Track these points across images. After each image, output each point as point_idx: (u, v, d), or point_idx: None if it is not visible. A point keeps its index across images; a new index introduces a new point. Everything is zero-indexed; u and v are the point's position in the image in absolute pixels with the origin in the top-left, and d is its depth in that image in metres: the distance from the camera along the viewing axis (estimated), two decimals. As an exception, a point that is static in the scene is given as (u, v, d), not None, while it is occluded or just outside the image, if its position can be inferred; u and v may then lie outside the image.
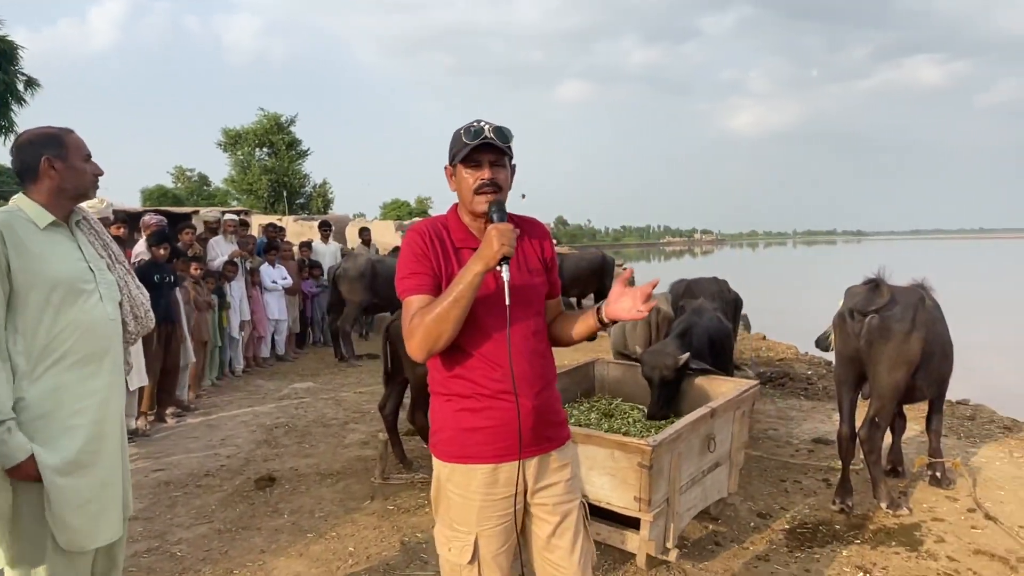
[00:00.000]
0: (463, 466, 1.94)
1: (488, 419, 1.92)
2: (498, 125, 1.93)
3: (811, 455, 5.27)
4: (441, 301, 1.81)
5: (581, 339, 2.14)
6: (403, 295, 1.92)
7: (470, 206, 1.96)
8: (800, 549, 3.73)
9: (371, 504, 4.37)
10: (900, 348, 4.06)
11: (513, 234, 1.81)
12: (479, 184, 1.91)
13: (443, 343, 1.84)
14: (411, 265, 1.93)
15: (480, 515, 1.93)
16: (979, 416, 6.52)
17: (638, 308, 1.94)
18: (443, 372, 1.97)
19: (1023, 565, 3.51)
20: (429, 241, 1.95)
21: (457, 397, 1.94)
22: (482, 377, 1.91)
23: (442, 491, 2.00)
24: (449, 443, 1.96)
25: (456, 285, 1.81)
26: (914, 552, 3.67)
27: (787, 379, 7.98)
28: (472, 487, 1.93)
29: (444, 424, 1.98)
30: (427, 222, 2.03)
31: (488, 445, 1.92)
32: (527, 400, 1.92)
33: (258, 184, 36.60)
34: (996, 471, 4.92)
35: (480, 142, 1.88)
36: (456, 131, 1.96)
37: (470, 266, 1.81)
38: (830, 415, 6.25)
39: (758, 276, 35.42)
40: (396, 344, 4.80)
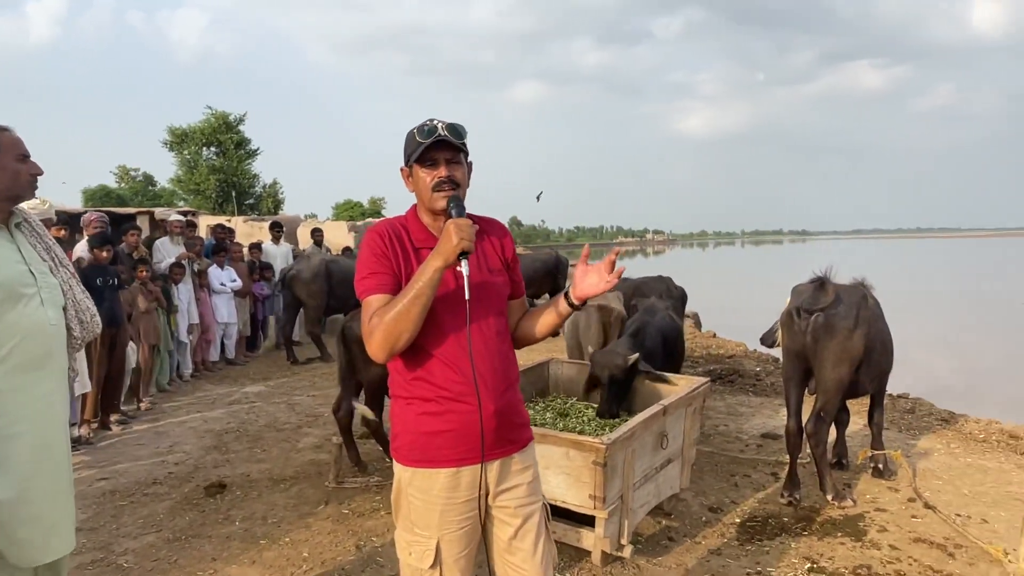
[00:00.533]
0: (425, 470, 1.91)
1: (450, 422, 1.88)
2: (451, 122, 1.91)
3: (760, 450, 5.40)
4: (400, 299, 1.79)
5: (549, 331, 2.13)
6: (363, 295, 1.88)
7: (429, 204, 1.94)
8: (751, 542, 3.82)
9: (325, 509, 4.31)
10: (844, 345, 4.20)
11: (471, 229, 1.79)
12: (437, 182, 1.90)
13: (404, 342, 1.81)
14: (370, 265, 1.89)
15: (442, 519, 1.91)
16: (918, 409, 6.77)
17: (606, 280, 1.95)
18: (404, 375, 1.94)
19: (960, 551, 3.67)
20: (388, 241, 1.92)
21: (418, 400, 1.91)
22: (444, 379, 1.88)
23: (403, 495, 1.97)
24: (410, 447, 1.93)
25: (415, 282, 1.78)
26: (858, 542, 3.79)
27: (736, 376, 8.15)
28: (434, 491, 1.91)
29: (405, 428, 1.94)
30: (386, 222, 2.00)
31: (450, 449, 1.89)
32: (490, 402, 1.89)
33: (206, 184, 35.78)
34: (934, 462, 5.12)
35: (434, 140, 1.87)
36: (409, 131, 1.94)
37: (429, 262, 1.79)
38: (778, 410, 6.41)
39: (708, 275, 36.11)
40: (352, 345, 4.75)
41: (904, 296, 19.74)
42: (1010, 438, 5.76)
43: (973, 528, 3.95)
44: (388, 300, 1.84)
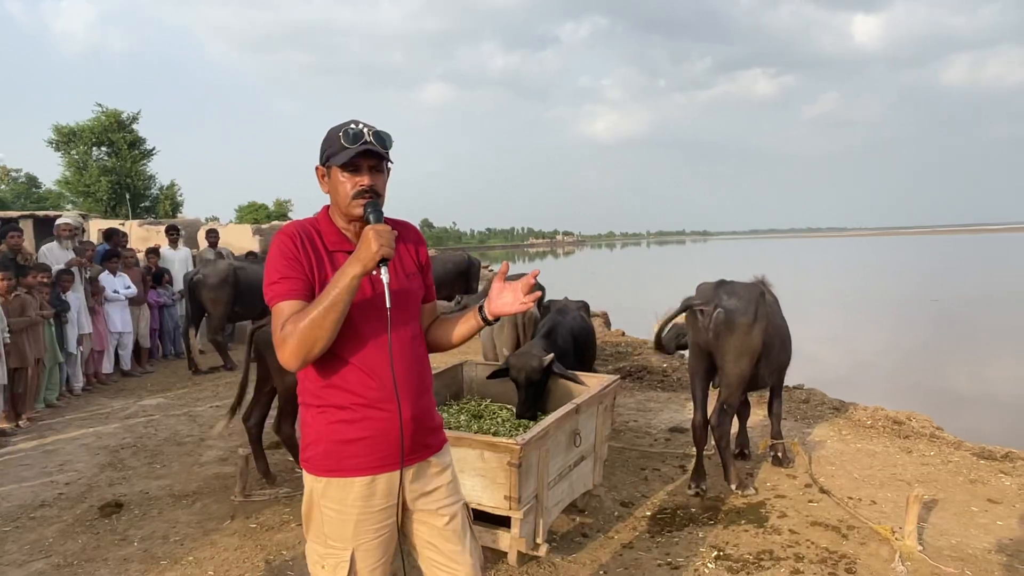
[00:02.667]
0: (338, 480, 1.86)
1: (365, 429, 1.85)
2: (378, 129, 1.85)
3: (668, 443, 5.57)
4: (316, 306, 1.73)
5: (462, 341, 2.12)
6: (273, 301, 1.80)
7: (346, 210, 1.88)
8: (661, 534, 3.93)
9: (232, 523, 4.15)
10: (744, 340, 4.39)
11: (391, 235, 1.76)
12: (358, 190, 1.84)
13: (318, 351, 1.75)
14: (281, 269, 1.81)
15: (356, 529, 1.87)
16: (812, 399, 7.15)
17: (521, 301, 1.95)
18: (316, 382, 1.87)
19: (852, 532, 3.90)
20: (300, 244, 1.85)
21: (331, 408, 1.86)
22: (359, 386, 1.84)
23: (315, 507, 1.90)
24: (324, 457, 1.87)
25: (332, 289, 1.72)
26: (761, 528, 3.97)
27: (645, 372, 8.38)
28: (348, 501, 1.86)
29: (318, 437, 1.88)
30: (297, 224, 1.92)
31: (365, 456, 1.85)
32: (407, 408, 1.87)
33: (96, 186, 33.74)
34: (828, 448, 5.42)
35: (361, 149, 1.80)
36: (331, 131, 1.86)
37: (346, 269, 1.74)
38: (685, 405, 6.64)
39: (617, 275, 37.00)
40: (263, 352, 4.60)
41: (797, 292, 20.87)
42: (894, 423, 6.17)
43: (864, 510, 4.21)
44: (300, 306, 1.77)
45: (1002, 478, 4.73)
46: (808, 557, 3.60)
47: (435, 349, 2.14)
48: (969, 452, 5.30)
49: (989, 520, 4.06)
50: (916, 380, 10.21)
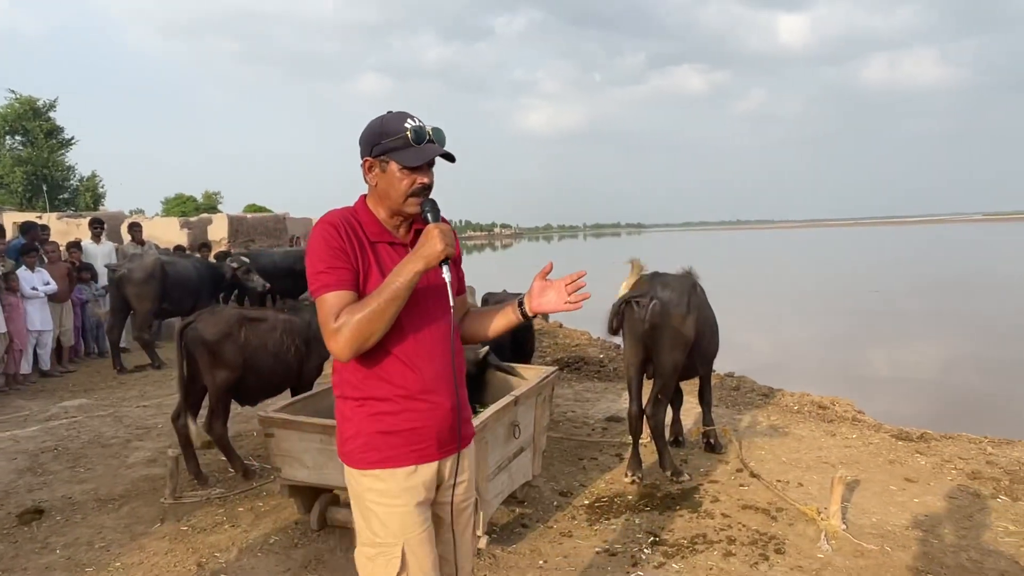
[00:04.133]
0: (382, 471, 1.85)
1: (407, 421, 1.85)
2: (435, 126, 1.85)
3: (605, 433, 5.66)
4: (375, 298, 1.73)
5: (498, 334, 2.12)
6: (320, 291, 1.78)
7: (400, 207, 1.86)
8: (598, 522, 4.00)
9: (162, 527, 4.02)
10: (678, 330, 4.49)
11: (452, 235, 1.79)
12: (418, 187, 1.83)
13: (372, 342, 1.76)
14: (327, 259, 1.79)
15: (403, 521, 1.85)
16: (742, 386, 7.39)
17: (566, 300, 1.95)
18: (358, 373, 1.86)
19: (781, 514, 4.05)
20: (345, 234, 1.82)
21: (372, 400, 1.85)
22: (400, 378, 1.84)
23: (361, 502, 1.89)
24: (365, 449, 1.86)
25: (392, 282, 1.74)
26: (695, 513, 4.08)
27: (582, 363, 8.50)
28: (393, 492, 1.85)
29: (359, 429, 1.86)
30: (338, 214, 1.88)
31: (405, 447, 1.86)
32: (448, 399, 1.89)
33: (10, 177, 32.02)
34: (757, 433, 5.61)
35: (438, 152, 1.82)
36: (385, 122, 1.84)
37: (408, 264, 1.75)
38: (621, 394, 6.76)
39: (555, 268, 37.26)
40: (193, 349, 4.45)
41: (726, 282, 21.48)
42: (819, 408, 6.44)
43: (792, 492, 4.37)
44: (350, 296, 1.77)
45: (918, 458, 4.99)
46: (740, 539, 3.73)
47: (469, 341, 2.15)
48: (888, 434, 5.57)
49: (906, 498, 4.28)
50: (840, 366, 10.66)
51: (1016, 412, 7.64)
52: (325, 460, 3.59)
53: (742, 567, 3.44)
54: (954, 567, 3.42)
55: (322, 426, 3.57)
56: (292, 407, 3.94)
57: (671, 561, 3.51)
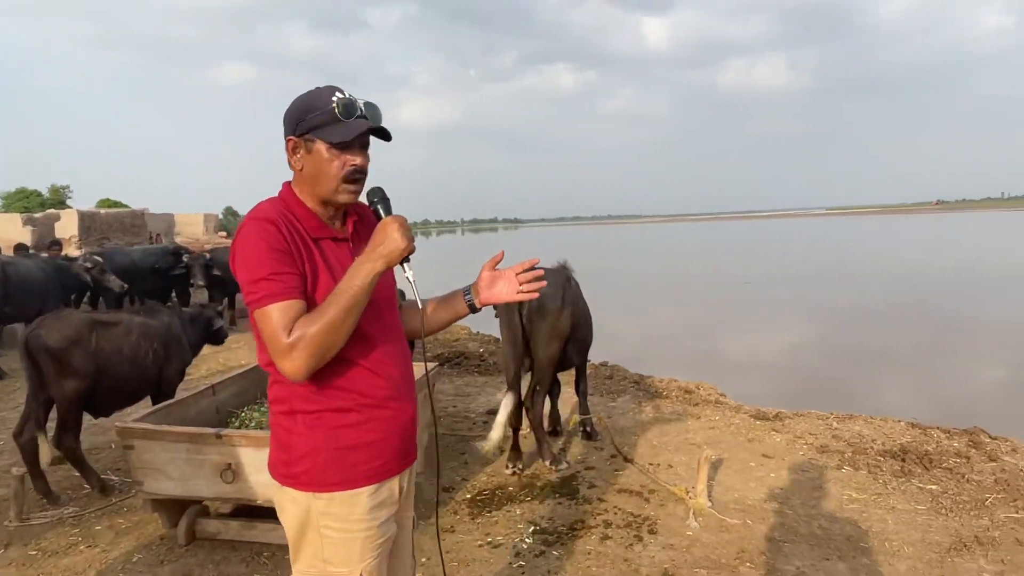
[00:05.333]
0: (344, 493, 1.65)
1: (370, 433, 1.67)
2: (369, 100, 1.65)
3: (487, 426, 5.70)
4: (330, 307, 1.52)
5: (442, 327, 1.98)
6: (264, 301, 1.52)
7: (332, 195, 1.65)
8: (480, 515, 4.03)
9: (6, 552, 3.65)
10: (554, 324, 4.60)
11: (410, 226, 1.60)
12: (351, 171, 1.62)
13: (331, 356, 1.56)
14: (270, 263, 1.54)
15: (363, 547, 1.68)
16: (615, 375, 7.68)
17: (519, 290, 1.83)
18: (312, 384, 1.63)
19: (653, 495, 4.24)
20: (287, 232, 1.59)
21: (331, 412, 1.64)
22: (368, 386, 1.66)
23: (311, 529, 1.67)
24: (326, 468, 1.64)
25: (349, 287, 1.53)
26: (573, 500, 4.20)
27: (463, 358, 8.52)
28: (355, 516, 1.66)
29: (315, 447, 1.64)
30: (273, 208, 1.63)
31: (371, 463, 1.68)
32: (411, 405, 1.76)
33: None
34: (630, 420, 5.85)
35: (367, 126, 1.61)
36: (311, 97, 1.63)
37: (365, 265, 1.55)
38: (501, 387, 6.82)
39: (433, 263, 37.15)
40: (39, 358, 4.07)
41: (598, 274, 22.24)
42: (685, 392, 6.80)
43: (662, 474, 4.59)
44: (300, 307, 1.53)
45: (774, 435, 5.38)
46: (615, 523, 3.87)
47: (414, 336, 1.98)
48: (747, 415, 5.97)
49: (764, 473, 4.61)
50: (703, 353, 11.30)
51: (856, 389, 8.41)
52: (192, 471, 3.40)
53: (618, 549, 3.58)
54: (807, 534, 3.72)
55: (188, 435, 3.38)
56: (154, 416, 3.70)
57: (551, 549, 3.59)
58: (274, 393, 1.70)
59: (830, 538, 3.68)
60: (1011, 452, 4.90)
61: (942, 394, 8.24)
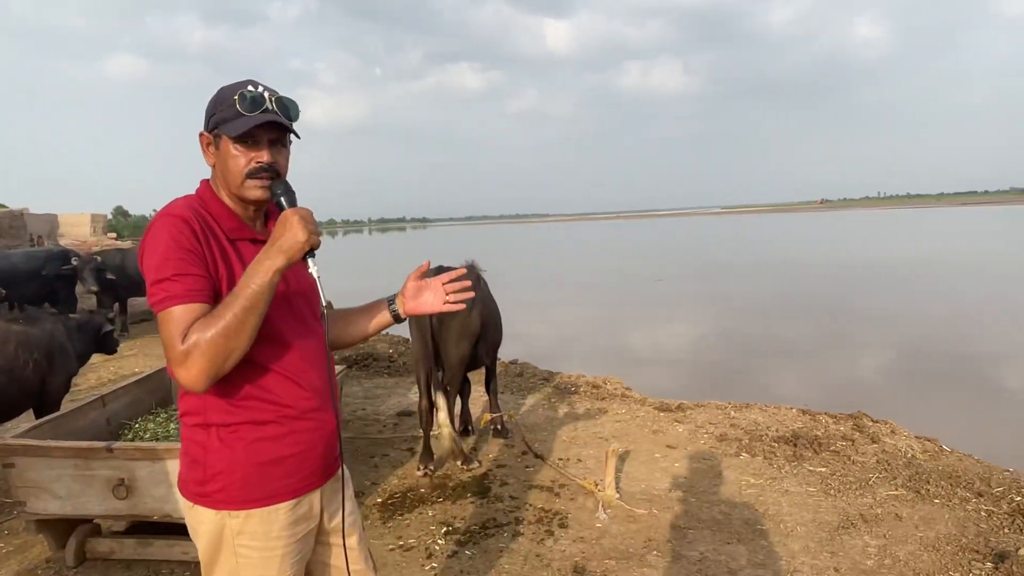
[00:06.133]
0: (262, 510, 1.57)
1: (292, 446, 1.59)
2: (282, 95, 1.57)
3: (397, 428, 5.66)
4: (228, 309, 1.42)
5: (368, 337, 1.91)
6: (164, 304, 1.43)
7: (238, 190, 1.57)
8: (392, 518, 3.99)
9: None
10: (464, 323, 4.60)
11: (315, 220, 1.51)
12: (255, 167, 1.55)
13: (232, 363, 1.45)
14: (176, 263, 1.44)
15: (282, 565, 1.61)
16: (525, 372, 7.76)
17: (445, 300, 1.79)
18: (227, 395, 1.54)
19: (563, 490, 4.32)
20: (200, 231, 1.50)
21: (248, 425, 1.55)
22: (288, 395, 1.57)
23: (225, 550, 1.58)
24: (243, 486, 1.55)
25: (247, 286, 1.43)
26: (485, 499, 4.22)
27: (371, 360, 8.39)
28: (274, 533, 1.59)
29: (232, 463, 1.55)
30: (187, 205, 1.55)
31: (290, 477, 1.60)
32: (333, 415, 1.67)
33: None
34: (540, 416, 5.93)
35: (263, 120, 1.52)
36: (222, 91, 1.56)
37: (265, 261, 1.45)
38: (411, 388, 6.78)
39: (338, 263, 36.40)
40: None
41: (509, 274, 22.41)
42: (593, 387, 6.95)
43: (572, 468, 4.68)
44: (203, 311, 1.43)
45: (676, 426, 5.59)
46: (527, 519, 3.92)
47: (337, 346, 1.90)
48: (652, 407, 6.16)
49: (668, 463, 4.77)
50: (610, 348, 11.59)
51: (752, 379, 8.83)
52: (81, 488, 3.20)
53: (530, 545, 3.62)
54: (709, 520, 3.88)
55: (76, 450, 3.18)
56: (37, 431, 3.45)
57: (464, 549, 3.60)
58: (186, 404, 1.60)
59: (730, 522, 3.85)
60: (891, 434, 5.28)
61: (829, 381, 8.77)
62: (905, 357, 10.02)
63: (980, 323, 12.07)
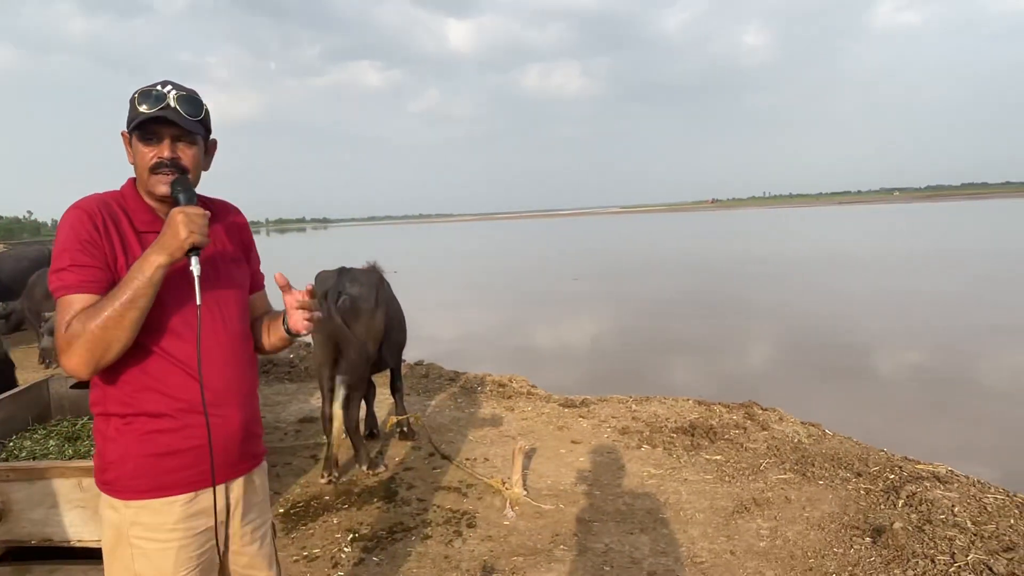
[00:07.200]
0: (155, 501, 1.60)
1: (188, 439, 1.61)
2: (187, 92, 1.61)
3: (299, 435, 5.50)
4: (111, 301, 1.46)
5: (275, 351, 1.88)
6: (60, 292, 1.51)
7: (145, 185, 1.63)
8: (296, 528, 3.87)
9: None
10: (368, 325, 4.52)
11: (204, 219, 1.52)
12: (156, 163, 1.59)
13: (114, 355, 1.49)
14: (74, 254, 1.52)
15: (178, 559, 1.62)
16: (431, 373, 7.71)
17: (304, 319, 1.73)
18: (127, 386, 1.58)
19: (471, 490, 4.32)
20: (101, 223, 1.56)
21: (144, 416, 1.59)
22: (183, 389, 1.59)
23: (123, 541, 1.61)
24: (135, 475, 1.59)
25: (131, 281, 1.47)
26: (392, 503, 4.17)
27: (271, 365, 8.12)
28: (168, 525, 1.61)
29: (126, 452, 1.59)
30: (97, 199, 1.61)
31: (188, 469, 1.62)
32: (236, 411, 1.67)
33: None
34: (446, 417, 5.91)
35: (156, 114, 1.56)
36: (135, 91, 1.61)
37: (149, 257, 1.49)
38: (313, 393, 6.61)
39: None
40: None
41: (413, 274, 22.21)
42: (499, 386, 7.00)
43: (479, 467, 4.69)
44: (94, 301, 1.50)
45: (581, 421, 5.70)
46: (435, 521, 3.90)
47: (264, 351, 1.89)
48: (557, 403, 6.27)
49: (574, 458, 4.87)
50: (515, 346, 11.70)
51: (652, 373, 9.15)
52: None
53: (438, 547, 3.61)
54: (613, 512, 3.98)
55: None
56: None
57: (371, 555, 3.54)
58: (93, 395, 1.66)
59: (633, 513, 3.97)
60: (779, 421, 5.59)
61: (722, 373, 9.19)
62: (790, 348, 10.63)
63: (856, 315, 12.96)
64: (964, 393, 7.62)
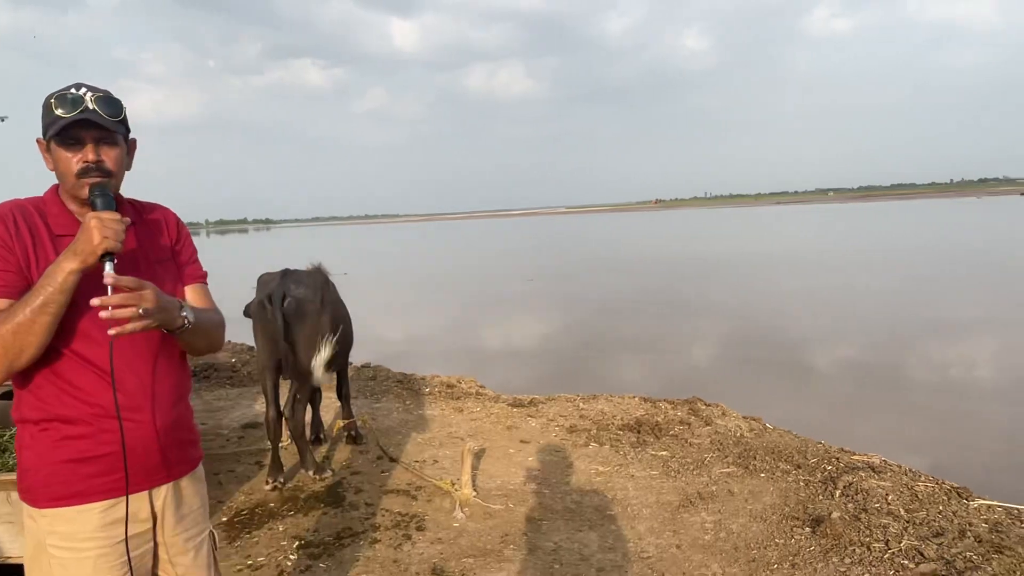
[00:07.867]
0: (70, 509, 1.57)
1: (104, 445, 1.57)
2: (104, 92, 1.59)
3: (242, 441, 5.37)
4: (23, 307, 1.45)
5: (199, 353, 1.82)
6: None
7: (72, 191, 1.61)
8: (239, 537, 3.78)
9: None
10: (314, 327, 4.44)
11: (119, 225, 1.50)
12: (82, 167, 1.57)
13: (26, 359, 1.48)
14: None
15: (96, 567, 1.58)
16: (379, 375, 7.64)
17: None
18: (41, 391, 1.57)
19: (420, 492, 4.29)
20: (15, 228, 1.55)
21: (58, 422, 1.57)
22: (97, 394, 1.56)
23: (41, 548, 1.58)
24: (49, 482, 1.57)
25: (43, 287, 1.46)
26: (339, 508, 4.11)
27: (212, 371, 7.91)
28: (84, 534, 1.57)
29: (41, 459, 1.57)
30: (11, 203, 1.61)
31: (104, 476, 1.58)
32: (159, 416, 1.64)
33: None
34: (394, 419, 5.86)
35: (76, 117, 1.53)
36: (48, 96, 1.58)
37: (61, 263, 1.47)
38: (257, 398, 6.46)
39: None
40: None
41: (358, 275, 21.95)
42: (447, 387, 6.98)
43: (428, 470, 4.67)
44: (5, 305, 1.49)
45: (529, 421, 5.73)
46: (384, 525, 3.86)
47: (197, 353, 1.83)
48: (506, 403, 6.28)
49: (523, 458, 4.88)
50: (464, 347, 11.68)
51: (598, 371, 9.25)
52: None
53: (387, 551, 3.57)
54: (562, 510, 4.01)
55: None
56: None
57: (318, 561, 3.48)
58: (13, 403, 1.65)
59: (582, 511, 4.01)
60: (722, 416, 5.72)
61: (668, 369, 9.36)
62: (733, 345, 10.89)
63: (794, 312, 13.37)
64: (895, 386, 7.95)
